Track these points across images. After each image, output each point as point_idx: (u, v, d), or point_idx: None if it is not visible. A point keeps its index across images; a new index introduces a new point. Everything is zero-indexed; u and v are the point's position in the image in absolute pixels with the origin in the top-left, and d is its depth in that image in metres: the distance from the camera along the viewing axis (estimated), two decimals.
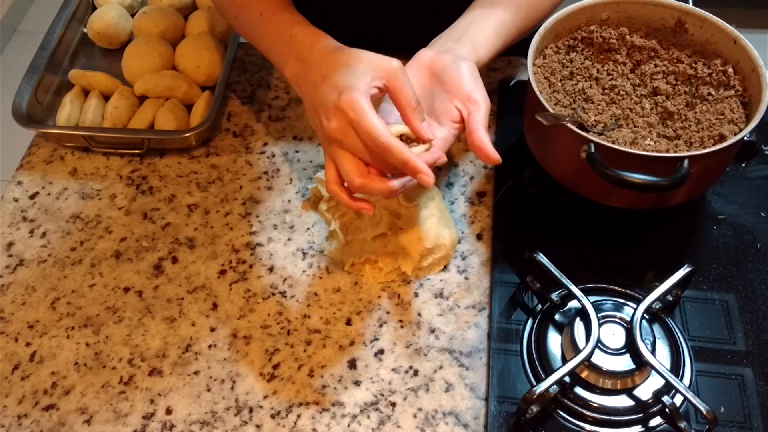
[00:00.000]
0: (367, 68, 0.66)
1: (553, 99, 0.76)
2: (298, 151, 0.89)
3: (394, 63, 0.67)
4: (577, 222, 0.81)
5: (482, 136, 0.67)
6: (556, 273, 0.70)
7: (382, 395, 0.69)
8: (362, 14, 0.96)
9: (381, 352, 0.72)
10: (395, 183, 0.66)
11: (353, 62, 0.67)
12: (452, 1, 0.93)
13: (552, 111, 0.71)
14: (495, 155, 0.66)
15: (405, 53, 0.96)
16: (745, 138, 0.70)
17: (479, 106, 0.69)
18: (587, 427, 0.65)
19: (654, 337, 0.67)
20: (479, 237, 0.80)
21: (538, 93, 0.71)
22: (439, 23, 0.96)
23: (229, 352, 0.72)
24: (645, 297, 0.68)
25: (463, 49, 0.74)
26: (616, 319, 0.68)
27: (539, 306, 0.73)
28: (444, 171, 0.86)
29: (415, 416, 0.68)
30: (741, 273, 0.75)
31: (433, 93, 0.72)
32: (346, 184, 0.68)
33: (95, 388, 0.71)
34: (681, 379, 0.67)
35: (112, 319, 0.75)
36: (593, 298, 0.70)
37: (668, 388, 0.65)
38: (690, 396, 0.62)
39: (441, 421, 0.67)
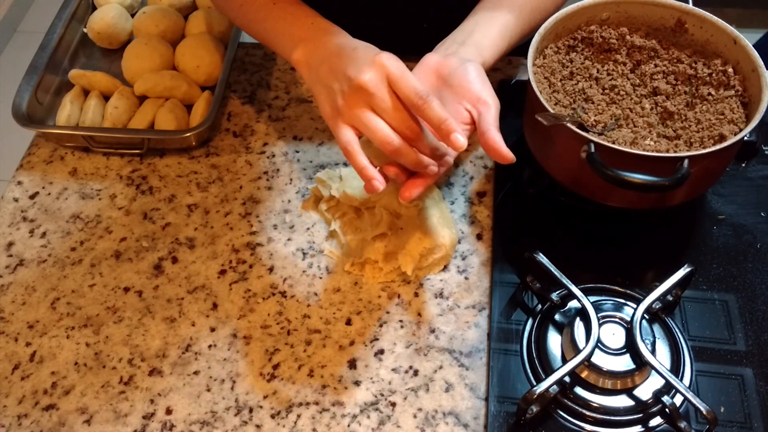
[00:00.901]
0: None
1: (553, 99, 0.76)
2: (298, 151, 0.89)
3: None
4: (577, 222, 0.81)
5: (495, 136, 0.67)
6: (556, 273, 0.70)
7: (382, 395, 0.69)
8: (364, 17, 0.96)
9: (381, 352, 0.72)
10: (425, 158, 0.66)
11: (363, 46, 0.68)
12: (453, 3, 0.93)
13: (552, 111, 0.71)
14: (509, 154, 0.66)
15: (406, 55, 0.97)
16: (745, 138, 0.70)
17: (489, 107, 0.69)
18: (587, 427, 0.65)
19: (654, 337, 0.67)
20: (479, 237, 0.80)
21: (538, 93, 0.71)
22: (441, 26, 0.96)
23: (229, 352, 0.72)
24: (645, 297, 0.68)
25: (468, 52, 0.74)
26: (616, 319, 0.68)
27: (539, 306, 0.73)
28: (444, 171, 0.86)
29: (415, 416, 0.68)
30: (741, 273, 0.75)
31: (442, 96, 0.73)
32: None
33: (95, 388, 0.71)
34: (681, 379, 0.67)
35: (112, 319, 0.75)
36: (593, 298, 0.70)
37: (668, 388, 0.65)
38: (690, 396, 0.62)
39: (441, 421, 0.67)
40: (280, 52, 0.76)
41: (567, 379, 0.66)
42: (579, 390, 0.66)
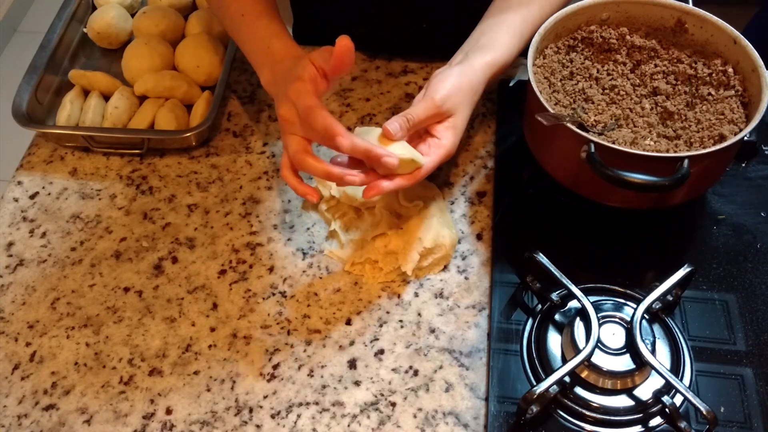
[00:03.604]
0: (307, 60, 0.68)
1: (553, 99, 0.76)
2: None
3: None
4: (577, 222, 0.81)
5: (391, 125, 0.68)
6: (556, 273, 0.70)
7: (382, 395, 0.69)
8: (364, 17, 0.96)
9: (381, 352, 0.72)
10: (335, 169, 0.67)
11: (302, 59, 0.70)
12: (453, 4, 0.93)
13: (552, 111, 0.71)
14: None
15: (406, 55, 0.97)
16: (745, 138, 0.70)
17: (426, 102, 0.70)
18: (587, 427, 0.65)
19: (654, 337, 0.67)
20: (479, 237, 0.80)
21: (538, 93, 0.71)
22: (441, 26, 0.96)
23: (229, 352, 0.72)
24: (645, 297, 0.68)
25: (473, 59, 0.75)
26: (616, 319, 0.68)
27: (539, 306, 0.73)
28: (444, 171, 0.86)
29: (415, 416, 0.68)
30: (741, 273, 0.75)
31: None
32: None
33: (95, 388, 0.71)
34: (681, 379, 0.67)
35: (112, 319, 0.75)
36: (593, 298, 0.70)
37: (668, 388, 0.65)
38: (690, 396, 0.62)
39: (441, 421, 0.67)
40: (253, 67, 0.79)
41: (567, 379, 0.66)
42: (579, 390, 0.66)
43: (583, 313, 0.68)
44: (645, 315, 0.67)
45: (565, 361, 0.67)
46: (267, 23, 0.77)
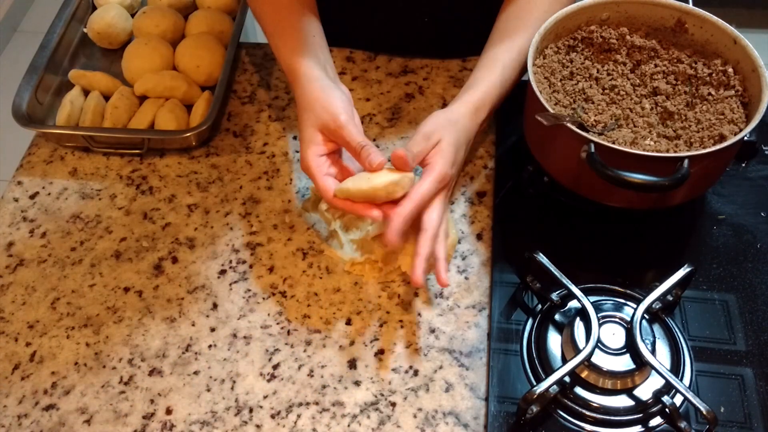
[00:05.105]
0: (315, 129, 0.73)
1: (553, 99, 0.76)
2: (298, 151, 0.88)
3: (341, 117, 0.72)
4: (577, 222, 0.81)
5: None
6: (556, 273, 0.70)
7: (382, 395, 0.69)
8: (365, 12, 0.96)
9: (381, 352, 0.72)
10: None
11: (306, 118, 0.74)
12: (454, 4, 0.93)
13: (552, 111, 0.71)
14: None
15: (407, 56, 0.97)
16: (745, 138, 0.70)
17: (416, 136, 0.73)
18: (587, 427, 0.65)
19: (654, 337, 0.67)
20: (479, 237, 0.80)
21: (538, 93, 0.71)
22: (442, 20, 0.95)
23: (229, 352, 0.72)
24: (645, 297, 0.68)
25: (458, 98, 0.77)
26: (616, 319, 0.68)
27: (539, 306, 0.73)
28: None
29: (415, 416, 0.68)
30: (741, 273, 0.75)
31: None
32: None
33: (95, 388, 0.71)
34: (681, 379, 0.67)
35: (112, 319, 0.75)
36: (593, 298, 0.70)
37: (668, 388, 0.65)
38: (690, 396, 0.62)
39: (441, 421, 0.67)
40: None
41: (567, 379, 0.66)
42: (579, 390, 0.66)
43: (583, 313, 0.68)
44: (645, 315, 0.67)
45: (565, 361, 0.67)
46: (293, 39, 0.80)
